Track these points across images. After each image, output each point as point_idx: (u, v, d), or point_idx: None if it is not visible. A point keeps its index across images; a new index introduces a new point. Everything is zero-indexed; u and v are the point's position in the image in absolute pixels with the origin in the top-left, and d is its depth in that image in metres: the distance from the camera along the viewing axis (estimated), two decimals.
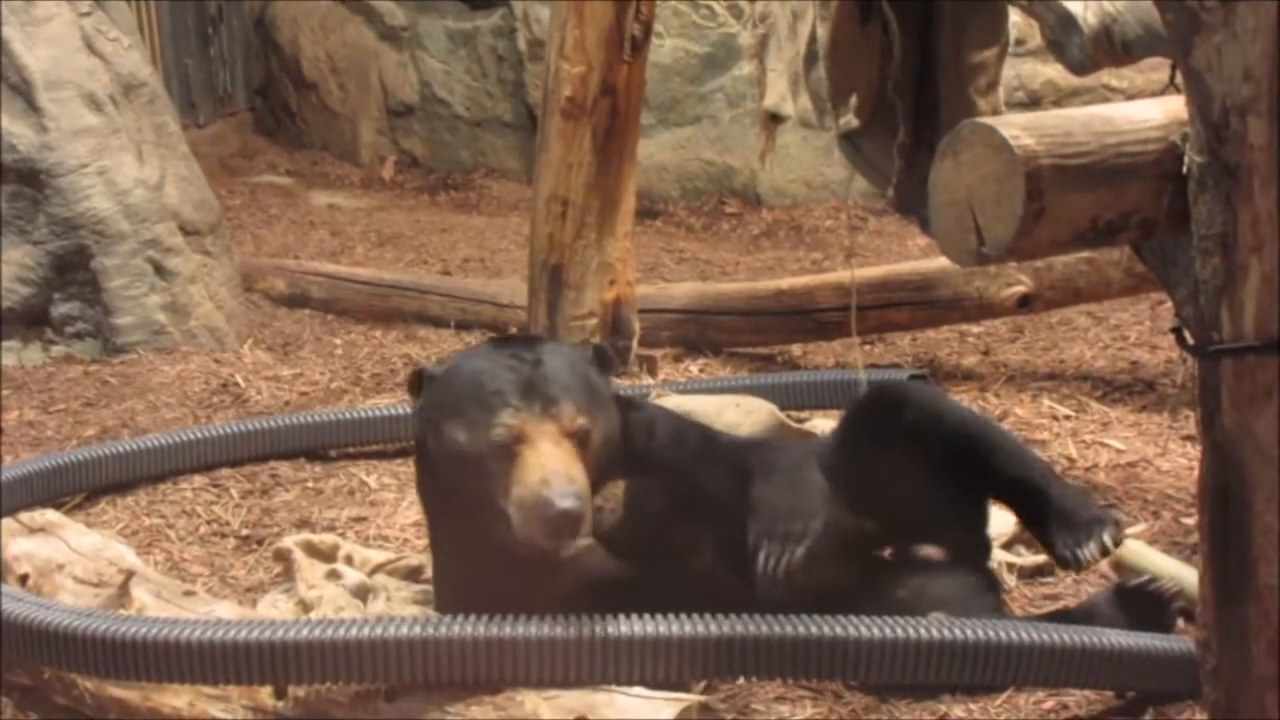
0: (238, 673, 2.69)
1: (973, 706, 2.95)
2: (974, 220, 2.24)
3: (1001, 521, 3.42)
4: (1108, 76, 7.66)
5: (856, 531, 3.12)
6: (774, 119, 4.60)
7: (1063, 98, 7.98)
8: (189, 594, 3.17)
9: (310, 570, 3.32)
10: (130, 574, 3.13)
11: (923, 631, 2.71)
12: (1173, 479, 4.14)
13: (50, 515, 3.51)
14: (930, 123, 3.40)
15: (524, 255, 5.60)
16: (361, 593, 3.24)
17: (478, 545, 2.92)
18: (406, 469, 4.32)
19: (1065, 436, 4.49)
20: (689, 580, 2.91)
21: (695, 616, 2.69)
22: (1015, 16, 3.43)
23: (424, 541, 3.76)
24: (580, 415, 2.79)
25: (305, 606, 3.20)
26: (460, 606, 2.76)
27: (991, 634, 2.73)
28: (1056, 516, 3.02)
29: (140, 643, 2.71)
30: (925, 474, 3.06)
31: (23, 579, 3.22)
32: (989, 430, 3.24)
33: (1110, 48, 2.84)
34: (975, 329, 5.68)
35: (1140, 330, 5.61)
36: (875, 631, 2.69)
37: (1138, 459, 4.30)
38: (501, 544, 2.82)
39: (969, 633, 2.72)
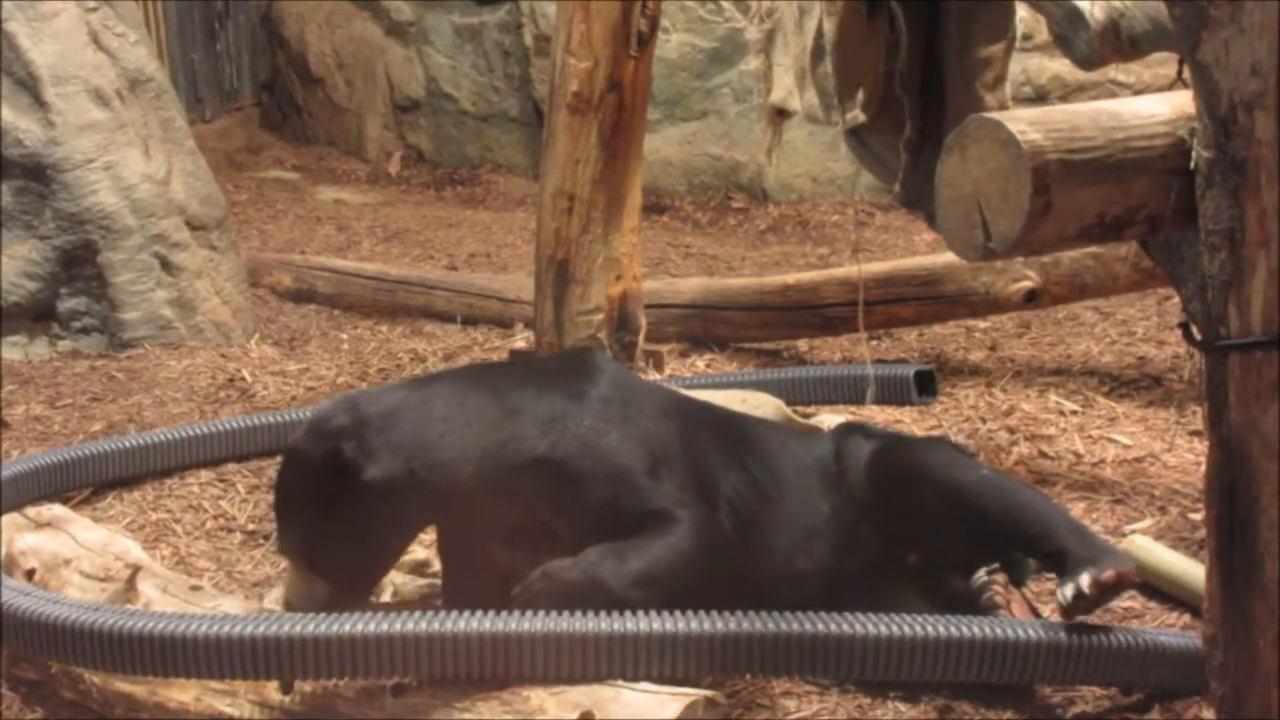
0: (244, 667, 2.69)
1: (979, 703, 2.95)
2: (981, 215, 2.24)
3: None
4: (1115, 71, 7.66)
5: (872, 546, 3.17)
6: (780, 114, 4.61)
7: (1069, 93, 7.98)
8: (195, 589, 3.17)
9: None
10: (137, 568, 3.13)
11: (930, 629, 2.70)
12: (1179, 474, 4.13)
13: (57, 510, 3.51)
14: (936, 118, 3.40)
15: (530, 250, 5.60)
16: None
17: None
18: None
19: (1072, 432, 4.49)
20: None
21: (703, 614, 2.70)
22: (1022, 11, 3.43)
23: (429, 536, 3.77)
24: (280, 540, 3.07)
25: None
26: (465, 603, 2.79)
27: (1000, 631, 2.73)
28: (1066, 561, 2.99)
29: (147, 637, 2.71)
30: (942, 534, 3.13)
31: (30, 573, 3.22)
32: (1005, 495, 3.18)
33: (1117, 43, 2.85)
34: (982, 324, 5.68)
35: (1147, 325, 5.60)
36: (883, 629, 2.69)
37: (1144, 454, 4.30)
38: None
39: (977, 630, 2.72)
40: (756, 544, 3.10)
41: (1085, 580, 2.83)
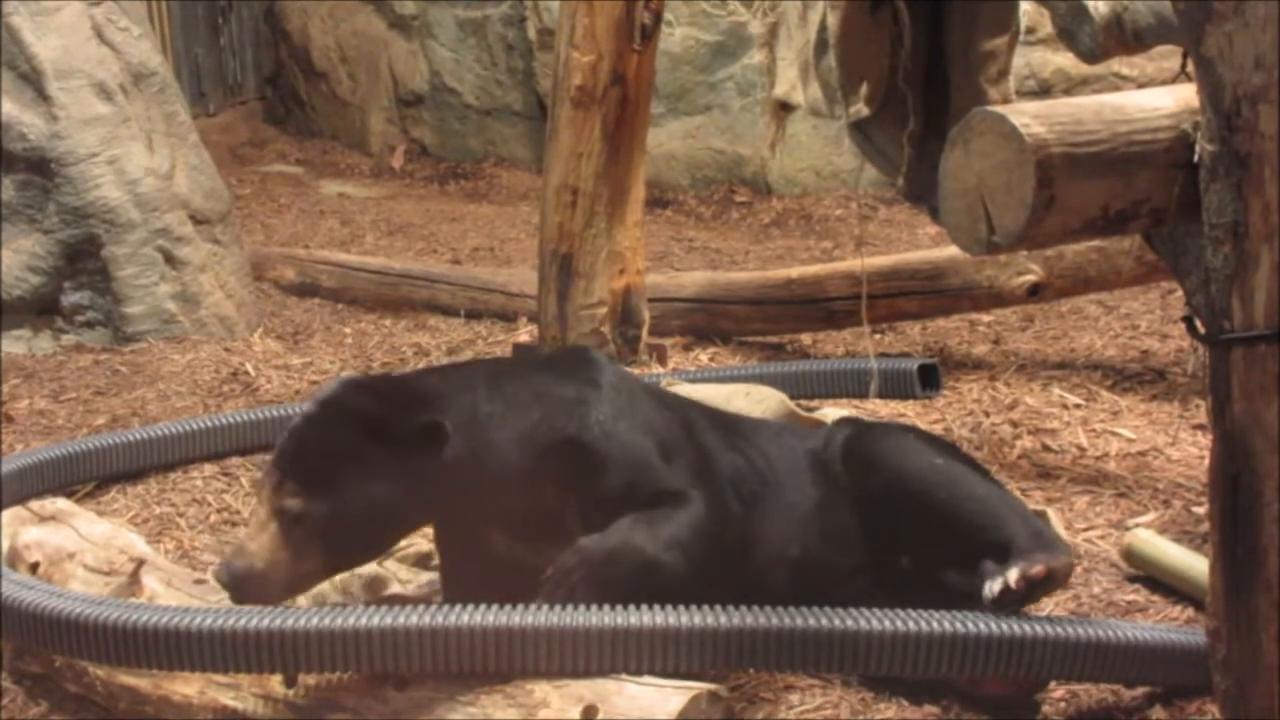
0: (248, 661, 2.69)
1: (980, 700, 2.95)
2: (984, 209, 2.24)
3: None
4: (1119, 65, 7.65)
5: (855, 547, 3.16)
6: (784, 108, 4.60)
7: (1073, 86, 7.98)
8: (199, 582, 3.17)
9: None
10: (141, 562, 3.13)
11: (935, 625, 2.70)
12: (1183, 468, 4.13)
13: (61, 503, 3.51)
14: (940, 111, 3.40)
15: (534, 244, 5.60)
16: (375, 585, 3.24)
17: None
18: None
19: (1076, 425, 4.49)
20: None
21: (706, 608, 2.70)
22: (1026, 5, 3.43)
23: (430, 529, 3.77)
24: (289, 496, 2.83)
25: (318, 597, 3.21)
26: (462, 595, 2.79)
27: (1004, 628, 2.72)
28: (1010, 554, 2.96)
29: (151, 631, 2.71)
30: (899, 522, 3.11)
31: (33, 567, 3.23)
32: (954, 485, 3.12)
33: (1121, 36, 2.84)
34: (985, 318, 5.68)
35: (1151, 319, 5.60)
36: (888, 625, 2.69)
37: (1148, 448, 4.29)
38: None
39: (981, 626, 2.71)
40: (758, 524, 3.11)
41: (1013, 575, 2.80)
